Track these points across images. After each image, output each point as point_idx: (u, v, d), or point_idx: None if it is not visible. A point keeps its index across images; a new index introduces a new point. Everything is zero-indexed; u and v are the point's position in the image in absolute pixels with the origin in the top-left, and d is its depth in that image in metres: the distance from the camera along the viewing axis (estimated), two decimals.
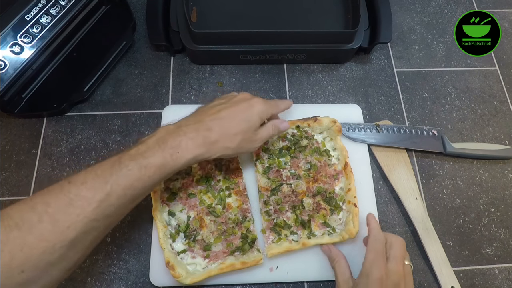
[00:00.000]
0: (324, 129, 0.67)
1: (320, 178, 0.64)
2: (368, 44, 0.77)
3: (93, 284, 0.60)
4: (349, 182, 0.63)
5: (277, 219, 0.61)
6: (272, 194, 0.62)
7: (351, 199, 0.62)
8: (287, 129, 0.62)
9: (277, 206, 0.62)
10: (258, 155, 0.64)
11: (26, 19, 0.63)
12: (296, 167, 0.65)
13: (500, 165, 0.73)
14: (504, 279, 0.64)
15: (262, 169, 0.64)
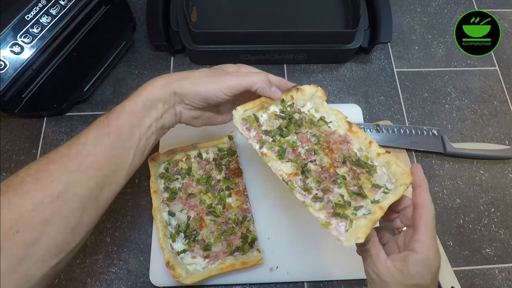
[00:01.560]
0: (308, 99, 0.58)
1: (334, 147, 0.54)
2: (368, 44, 0.77)
3: (93, 284, 0.60)
4: (364, 137, 0.54)
5: (331, 199, 0.47)
6: (306, 177, 0.49)
7: (379, 151, 0.53)
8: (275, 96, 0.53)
9: (322, 186, 0.48)
10: (260, 139, 0.51)
11: (26, 19, 0.63)
12: (307, 141, 0.53)
13: (500, 165, 0.73)
14: (504, 279, 0.64)
15: (275, 154, 0.51)
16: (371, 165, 0.53)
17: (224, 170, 0.65)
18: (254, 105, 0.51)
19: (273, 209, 0.65)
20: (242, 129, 0.50)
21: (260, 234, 0.62)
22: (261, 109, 0.52)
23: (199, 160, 0.66)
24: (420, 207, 0.43)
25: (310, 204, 0.46)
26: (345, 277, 0.62)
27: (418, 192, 0.45)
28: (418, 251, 0.41)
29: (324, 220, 0.45)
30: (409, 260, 0.41)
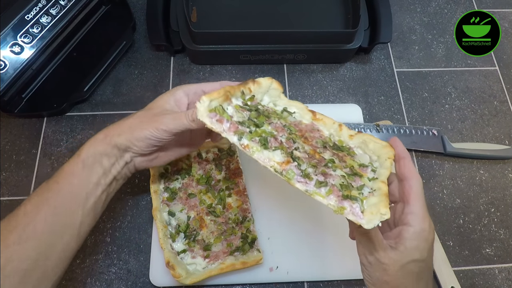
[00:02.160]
0: (265, 92, 0.53)
1: (307, 136, 0.49)
2: (368, 44, 0.77)
3: (93, 284, 0.60)
4: (331, 122, 0.51)
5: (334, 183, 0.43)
6: (299, 165, 0.44)
7: (350, 132, 0.50)
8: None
9: (319, 170, 0.43)
10: (236, 130, 0.44)
11: (26, 19, 0.63)
12: (282, 131, 0.47)
13: (500, 165, 0.73)
14: (504, 279, 0.64)
15: (258, 144, 0.44)
16: (348, 147, 0.49)
17: (224, 170, 0.65)
18: (220, 95, 0.44)
19: (273, 209, 0.65)
20: (211, 122, 0.43)
21: (260, 234, 0.62)
22: (226, 101, 0.45)
23: (199, 160, 0.66)
24: (407, 178, 0.41)
25: (315, 191, 0.41)
26: (345, 277, 0.62)
27: (402, 164, 0.43)
28: (412, 224, 0.39)
29: (337, 206, 0.40)
30: (404, 235, 0.39)
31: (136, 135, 0.47)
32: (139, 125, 0.47)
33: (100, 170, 0.47)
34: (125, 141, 0.47)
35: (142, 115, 0.49)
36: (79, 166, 0.46)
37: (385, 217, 0.36)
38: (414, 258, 0.39)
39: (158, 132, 0.46)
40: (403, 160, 0.43)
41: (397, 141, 0.45)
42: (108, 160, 0.47)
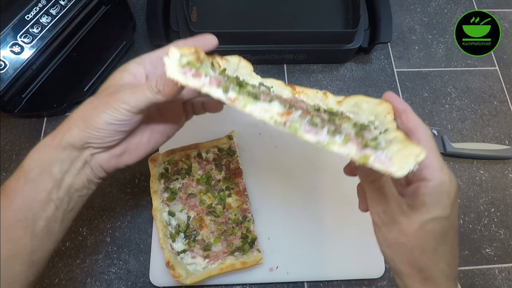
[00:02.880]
0: (234, 69, 0.46)
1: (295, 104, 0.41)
2: (368, 44, 0.77)
3: (93, 284, 0.60)
4: (314, 92, 0.45)
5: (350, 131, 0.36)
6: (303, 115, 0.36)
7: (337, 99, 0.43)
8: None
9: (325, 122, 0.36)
10: (219, 83, 0.36)
11: (26, 19, 0.63)
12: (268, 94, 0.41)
13: (500, 165, 0.73)
14: (504, 279, 0.64)
15: (250, 98, 0.37)
16: (340, 113, 0.42)
17: (224, 170, 0.65)
18: (191, 51, 0.36)
19: (273, 209, 0.65)
20: (185, 79, 0.34)
21: (260, 234, 0.62)
22: (197, 62, 0.37)
23: (199, 160, 0.66)
24: (414, 130, 0.37)
25: (330, 141, 0.34)
26: (345, 277, 0.62)
27: (405, 117, 0.37)
28: (429, 177, 0.34)
29: (359, 154, 0.32)
30: (421, 191, 0.34)
31: (93, 124, 0.37)
32: (94, 111, 0.38)
33: (49, 182, 0.38)
34: (79, 135, 0.38)
35: (94, 100, 0.39)
36: (21, 181, 0.37)
37: (421, 157, 0.30)
38: (435, 216, 0.34)
39: (119, 113, 0.37)
40: (405, 113, 0.37)
41: (391, 95, 0.39)
42: (59, 167, 0.38)
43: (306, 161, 0.69)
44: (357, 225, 0.64)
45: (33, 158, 0.38)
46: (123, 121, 0.38)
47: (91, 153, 0.40)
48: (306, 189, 0.66)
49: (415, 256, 0.35)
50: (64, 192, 0.39)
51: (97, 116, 0.37)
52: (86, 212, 0.64)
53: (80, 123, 0.38)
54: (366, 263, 0.62)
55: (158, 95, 0.37)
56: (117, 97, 0.37)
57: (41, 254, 0.39)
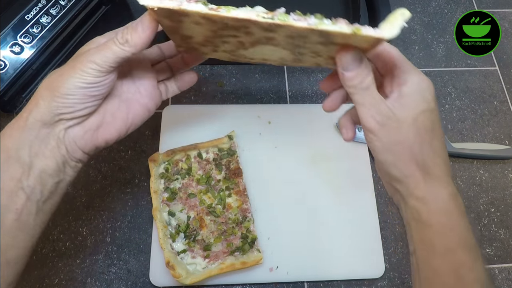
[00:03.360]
0: None
1: None
2: None
3: (93, 284, 0.60)
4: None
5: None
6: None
7: None
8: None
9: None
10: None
11: (26, 19, 0.63)
12: None
13: (500, 165, 0.73)
14: (504, 279, 0.64)
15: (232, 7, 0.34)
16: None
17: (224, 170, 0.65)
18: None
19: (273, 209, 0.65)
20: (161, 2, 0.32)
21: (260, 234, 0.62)
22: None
23: (199, 160, 0.66)
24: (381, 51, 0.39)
25: (320, 22, 0.35)
26: (345, 277, 0.62)
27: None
28: (409, 79, 0.36)
29: (350, 29, 0.33)
30: (404, 92, 0.36)
31: (60, 91, 0.34)
32: (60, 77, 0.35)
33: (16, 169, 0.34)
34: (47, 107, 0.34)
35: (59, 69, 0.37)
36: None
37: (407, 14, 0.32)
38: (423, 109, 0.36)
39: (88, 74, 0.35)
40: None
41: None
42: (28, 150, 0.34)
43: (306, 161, 0.69)
44: (357, 225, 0.65)
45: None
46: (93, 83, 0.36)
47: (64, 127, 0.36)
48: (306, 189, 0.66)
49: (416, 151, 0.36)
50: (35, 179, 0.35)
51: (65, 82, 0.35)
52: (86, 212, 0.64)
53: (46, 94, 0.35)
54: (366, 263, 0.62)
55: (126, 46, 0.35)
56: (83, 59, 0.35)
57: (17, 251, 0.35)
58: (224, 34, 0.38)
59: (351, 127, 0.42)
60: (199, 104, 0.74)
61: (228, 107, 0.73)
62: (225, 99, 0.75)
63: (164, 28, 0.39)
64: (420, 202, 0.36)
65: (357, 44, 0.36)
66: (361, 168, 0.68)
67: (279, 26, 0.34)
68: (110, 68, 0.36)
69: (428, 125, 0.36)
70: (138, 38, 0.36)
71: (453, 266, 0.35)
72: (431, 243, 0.36)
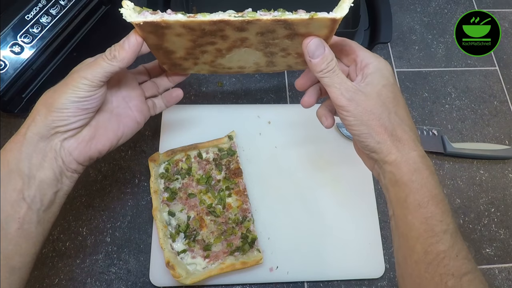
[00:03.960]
0: None
1: None
2: (368, 44, 0.77)
3: (93, 284, 0.60)
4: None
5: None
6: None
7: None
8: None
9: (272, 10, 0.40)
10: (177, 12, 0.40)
11: (26, 19, 0.63)
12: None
13: (500, 165, 0.73)
14: (504, 279, 0.64)
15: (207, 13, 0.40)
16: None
17: (224, 170, 0.65)
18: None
19: (273, 209, 0.65)
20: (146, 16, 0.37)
21: (260, 234, 0.62)
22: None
23: (199, 160, 0.66)
24: (339, 43, 0.45)
25: (283, 14, 0.39)
26: (345, 277, 0.62)
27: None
28: (370, 61, 0.43)
29: (308, 15, 0.38)
30: (366, 72, 0.42)
31: (55, 105, 0.38)
32: (54, 94, 0.39)
33: (18, 181, 0.37)
34: (43, 121, 0.38)
35: (53, 87, 0.40)
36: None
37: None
38: (384, 83, 0.41)
39: (80, 89, 0.38)
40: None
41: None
42: (27, 163, 0.37)
43: (306, 161, 0.69)
44: (357, 225, 0.65)
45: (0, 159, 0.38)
46: (85, 97, 0.39)
47: (59, 140, 0.39)
48: (306, 189, 0.66)
49: (384, 119, 0.40)
50: (35, 189, 0.38)
51: (59, 98, 0.38)
52: (86, 212, 0.64)
53: (42, 109, 0.38)
54: (366, 263, 0.62)
55: (114, 61, 0.39)
56: (75, 76, 0.39)
57: (21, 259, 0.37)
58: (203, 42, 0.42)
59: (329, 115, 0.48)
60: (199, 104, 0.74)
61: (228, 107, 0.73)
62: (225, 99, 0.75)
63: (149, 45, 0.43)
64: (393, 165, 0.40)
65: (318, 33, 0.40)
66: (361, 168, 0.68)
67: (250, 23, 0.38)
68: (100, 82, 0.40)
69: (390, 96, 0.42)
70: (125, 53, 0.39)
71: (424, 218, 0.39)
72: (406, 201, 0.40)
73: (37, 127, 0.38)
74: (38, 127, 0.38)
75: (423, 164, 0.40)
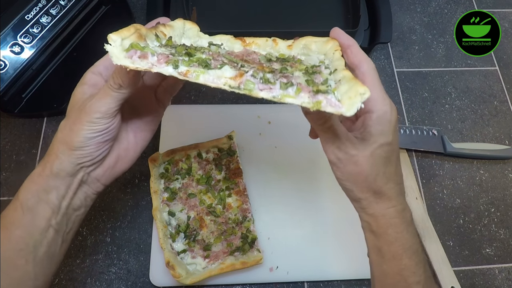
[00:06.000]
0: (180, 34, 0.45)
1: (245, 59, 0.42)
2: (368, 44, 0.77)
3: (93, 284, 0.60)
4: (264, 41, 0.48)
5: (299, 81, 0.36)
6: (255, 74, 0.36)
7: (288, 43, 0.46)
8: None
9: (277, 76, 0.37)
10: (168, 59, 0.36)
11: (26, 19, 0.63)
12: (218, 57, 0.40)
13: (500, 165, 0.73)
14: (504, 279, 0.64)
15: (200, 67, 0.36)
16: (292, 57, 0.44)
17: (224, 170, 0.65)
18: (130, 32, 0.37)
19: (273, 209, 0.65)
20: (134, 62, 0.35)
21: (260, 234, 0.62)
22: (140, 40, 0.37)
23: (199, 160, 0.66)
24: (358, 65, 0.39)
25: (284, 94, 0.35)
26: (345, 277, 0.62)
27: (350, 52, 0.40)
28: (373, 109, 0.38)
29: (312, 101, 0.34)
30: (367, 123, 0.38)
31: (75, 144, 0.38)
32: (71, 132, 0.39)
33: (47, 209, 0.39)
34: (68, 160, 0.39)
35: (67, 123, 0.40)
36: (18, 212, 0.38)
37: (366, 95, 0.32)
38: (381, 143, 0.38)
39: (96, 123, 0.38)
40: (350, 49, 0.40)
41: (337, 31, 0.42)
42: (56, 194, 0.39)
43: (306, 161, 0.69)
44: (357, 225, 0.64)
45: (28, 188, 0.39)
46: (103, 130, 0.39)
47: (86, 172, 0.41)
48: (306, 189, 0.66)
49: (370, 181, 0.39)
50: (62, 216, 0.40)
51: (77, 136, 0.38)
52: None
53: (64, 148, 0.39)
54: (366, 263, 0.62)
55: (122, 90, 0.38)
56: (87, 111, 0.38)
57: (44, 278, 0.40)
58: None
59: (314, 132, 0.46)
60: (199, 104, 0.74)
61: (228, 107, 0.73)
62: (225, 99, 0.75)
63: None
64: (371, 217, 0.41)
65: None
66: None
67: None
68: (114, 112, 0.39)
69: (383, 157, 0.39)
70: (130, 79, 0.38)
71: (398, 269, 0.40)
72: (381, 250, 0.41)
73: (62, 165, 0.39)
74: (64, 165, 0.39)
75: (399, 219, 0.41)
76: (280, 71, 0.38)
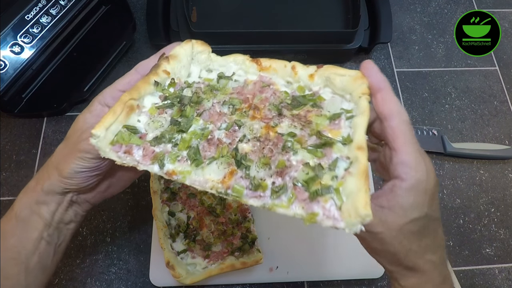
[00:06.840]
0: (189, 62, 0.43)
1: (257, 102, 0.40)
2: (368, 44, 0.77)
3: (93, 284, 0.60)
4: (283, 66, 0.43)
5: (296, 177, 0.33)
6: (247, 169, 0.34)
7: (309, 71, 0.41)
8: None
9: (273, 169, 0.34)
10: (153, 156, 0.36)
11: (26, 19, 0.63)
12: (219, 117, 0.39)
13: (500, 165, 0.73)
14: (504, 279, 0.64)
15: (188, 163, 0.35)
16: (312, 94, 0.39)
17: None
18: (116, 114, 0.36)
19: None
20: (120, 157, 0.35)
21: (260, 234, 0.62)
22: (131, 112, 0.37)
23: None
24: (388, 117, 0.33)
25: (275, 204, 0.32)
26: (345, 277, 0.62)
27: (380, 98, 0.33)
28: (404, 177, 0.31)
29: (305, 213, 0.31)
30: (396, 192, 0.32)
31: (64, 174, 0.39)
32: (64, 161, 0.39)
33: (39, 222, 0.40)
34: (57, 183, 0.39)
35: (64, 148, 0.41)
36: (12, 222, 0.39)
37: (368, 219, 0.29)
38: (412, 218, 0.32)
39: (85, 161, 0.38)
40: (380, 93, 0.33)
41: (369, 67, 0.34)
42: (47, 209, 0.40)
43: None
44: None
45: (22, 200, 0.40)
46: (92, 167, 0.39)
47: (75, 195, 0.42)
48: None
49: (400, 258, 0.34)
50: (53, 229, 0.41)
51: (67, 167, 0.39)
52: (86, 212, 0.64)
53: (55, 173, 0.39)
54: (366, 263, 0.62)
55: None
56: (80, 148, 0.38)
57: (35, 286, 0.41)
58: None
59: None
60: None
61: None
62: None
63: None
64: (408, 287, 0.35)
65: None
66: None
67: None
68: None
69: (416, 230, 0.33)
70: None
71: None
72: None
73: (51, 185, 0.40)
74: (54, 185, 0.40)
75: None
76: (283, 147, 0.34)
